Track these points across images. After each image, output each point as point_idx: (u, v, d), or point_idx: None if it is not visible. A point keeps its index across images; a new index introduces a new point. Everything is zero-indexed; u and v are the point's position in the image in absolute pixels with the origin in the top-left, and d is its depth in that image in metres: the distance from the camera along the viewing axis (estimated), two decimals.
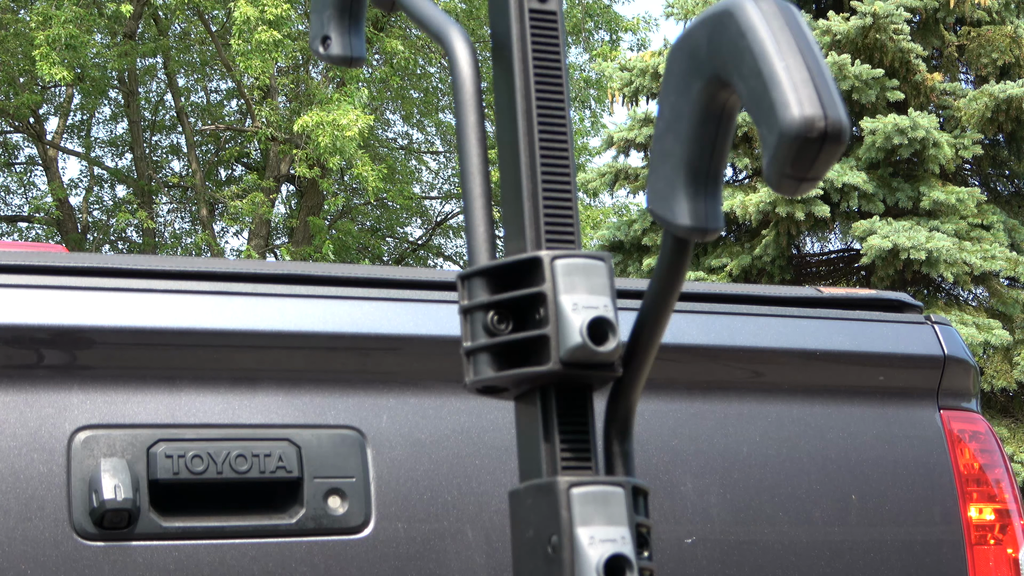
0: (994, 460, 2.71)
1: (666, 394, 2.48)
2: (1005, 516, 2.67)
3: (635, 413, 0.79)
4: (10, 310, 2.09)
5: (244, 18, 15.95)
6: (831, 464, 2.57)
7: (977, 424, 2.72)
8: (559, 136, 0.78)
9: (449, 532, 2.28)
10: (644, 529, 0.74)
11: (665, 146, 0.75)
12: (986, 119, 12.91)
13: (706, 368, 2.58)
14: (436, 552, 2.27)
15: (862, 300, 2.79)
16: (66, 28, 16.49)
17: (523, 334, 0.75)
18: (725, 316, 2.60)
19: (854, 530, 2.56)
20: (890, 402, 2.67)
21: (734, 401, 2.53)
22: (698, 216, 0.75)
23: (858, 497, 2.58)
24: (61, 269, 2.18)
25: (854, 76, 12.31)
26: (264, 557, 2.21)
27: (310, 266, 2.53)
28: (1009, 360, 12.87)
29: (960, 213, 12.71)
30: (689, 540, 2.41)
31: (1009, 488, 2.70)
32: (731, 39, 0.69)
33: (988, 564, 2.63)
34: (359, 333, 2.33)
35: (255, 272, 2.35)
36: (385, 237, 23.11)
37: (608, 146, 14.07)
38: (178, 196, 22.54)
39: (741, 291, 2.74)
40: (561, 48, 0.79)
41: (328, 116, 16.17)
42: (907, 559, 2.58)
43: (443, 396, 2.30)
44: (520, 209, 0.77)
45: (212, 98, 22.55)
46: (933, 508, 2.63)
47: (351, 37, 0.95)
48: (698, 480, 2.46)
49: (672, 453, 2.45)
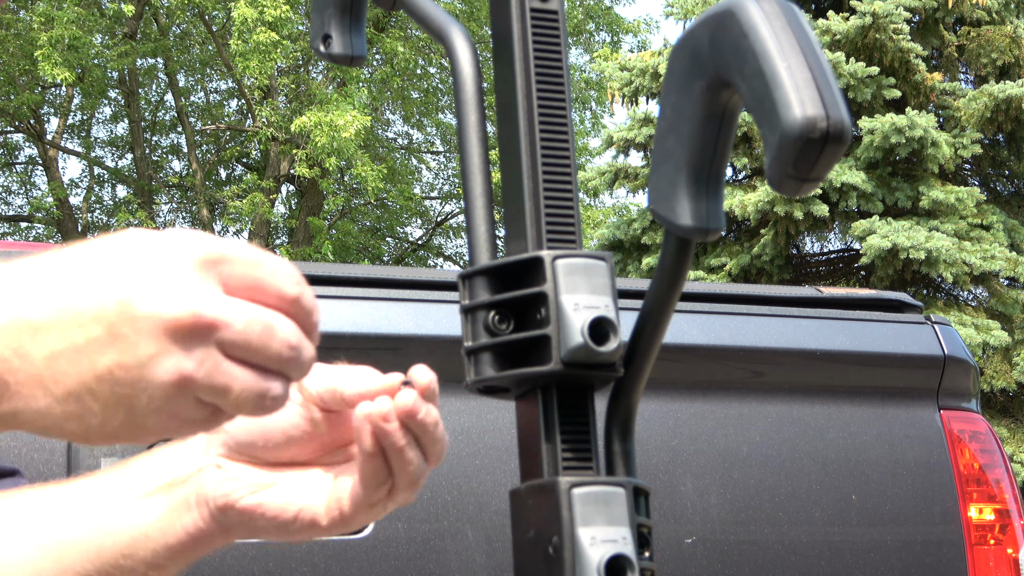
0: (994, 460, 2.71)
1: (666, 394, 2.48)
2: (1005, 516, 2.67)
3: (636, 413, 0.79)
4: None
5: (243, 19, 15.95)
6: (831, 464, 2.57)
7: (977, 424, 2.72)
8: (560, 136, 0.78)
9: (449, 532, 2.28)
10: (645, 529, 0.74)
11: (666, 146, 0.75)
12: (986, 119, 12.91)
13: (706, 368, 2.58)
14: (436, 552, 2.27)
15: (862, 300, 2.79)
16: (69, 29, 16.49)
17: (524, 334, 0.75)
18: (725, 316, 2.60)
19: (854, 530, 2.56)
20: (890, 402, 2.67)
21: (734, 401, 2.54)
22: (700, 216, 0.75)
23: (858, 497, 2.58)
24: None
25: (848, 74, 12.31)
26: (264, 557, 2.21)
27: (310, 266, 2.54)
28: (1008, 360, 12.87)
29: (960, 213, 12.71)
30: (689, 540, 2.41)
31: (1009, 488, 2.70)
32: (733, 39, 0.69)
33: (988, 564, 2.63)
34: (359, 333, 2.33)
35: None
36: (385, 237, 23.12)
37: (608, 146, 14.07)
38: (178, 196, 22.55)
39: (741, 291, 2.74)
40: (563, 48, 0.79)
41: (326, 116, 16.17)
42: (907, 559, 2.58)
43: (443, 396, 2.30)
44: (521, 209, 0.77)
45: (212, 98, 22.56)
46: (933, 508, 2.63)
47: (352, 36, 0.95)
48: (698, 480, 2.46)
49: (672, 453, 2.46)
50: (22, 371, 0.66)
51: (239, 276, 0.70)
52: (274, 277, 0.70)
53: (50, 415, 0.67)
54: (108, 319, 0.66)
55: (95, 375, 0.66)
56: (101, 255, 0.69)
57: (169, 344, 0.67)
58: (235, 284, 0.70)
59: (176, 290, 0.67)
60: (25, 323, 0.66)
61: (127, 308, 0.67)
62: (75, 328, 0.66)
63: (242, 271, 0.70)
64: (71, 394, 0.67)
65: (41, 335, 0.66)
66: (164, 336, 0.67)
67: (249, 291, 0.70)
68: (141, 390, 0.67)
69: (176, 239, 0.69)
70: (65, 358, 0.66)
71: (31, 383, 0.66)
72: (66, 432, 0.68)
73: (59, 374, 0.66)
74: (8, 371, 0.66)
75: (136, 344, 0.67)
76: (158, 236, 0.70)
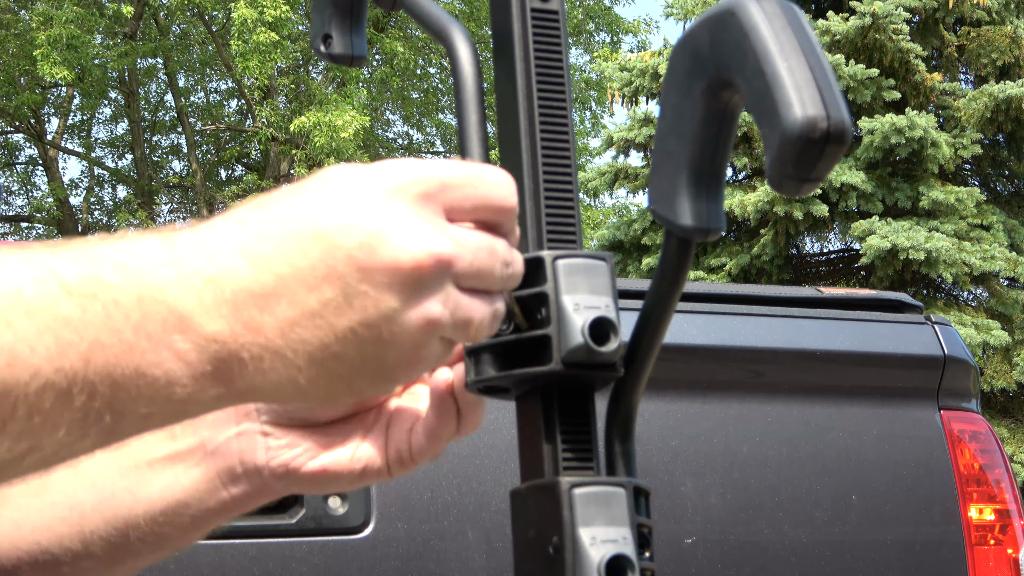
0: (994, 460, 2.71)
1: (666, 394, 2.48)
2: (1005, 516, 2.67)
3: (636, 413, 0.79)
4: None
5: (243, 19, 15.96)
6: (831, 464, 2.57)
7: (977, 424, 2.72)
8: (561, 136, 0.78)
9: (449, 532, 2.28)
10: (646, 529, 0.74)
11: (667, 146, 0.75)
12: (986, 119, 12.91)
13: (706, 368, 2.58)
14: (436, 552, 2.28)
15: (862, 300, 2.79)
16: (67, 28, 16.50)
17: (525, 334, 0.75)
18: (725, 316, 2.60)
19: (854, 530, 2.56)
20: (890, 402, 2.67)
21: (734, 401, 2.54)
22: (700, 216, 0.75)
23: (858, 497, 2.58)
24: None
25: (848, 76, 12.32)
26: (264, 557, 2.21)
27: None
28: (1008, 360, 12.87)
29: (959, 213, 12.71)
30: (689, 540, 2.41)
31: (1009, 488, 2.70)
32: (733, 39, 0.69)
33: (988, 564, 2.63)
34: None
35: None
36: None
37: (608, 146, 14.08)
38: (178, 196, 22.56)
39: (741, 291, 2.74)
40: (563, 48, 0.79)
41: (325, 117, 16.18)
42: (907, 559, 2.58)
43: None
44: (522, 209, 0.77)
45: (212, 98, 22.57)
46: (933, 508, 2.63)
47: (352, 36, 0.95)
48: (698, 480, 2.46)
49: (672, 453, 2.46)
50: (256, 345, 0.61)
51: (460, 199, 0.65)
52: (494, 191, 0.67)
53: (292, 385, 0.63)
54: (342, 278, 0.62)
55: (336, 337, 0.62)
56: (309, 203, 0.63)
57: (411, 292, 0.62)
58: (457, 208, 0.66)
59: (408, 234, 0.62)
60: (249, 294, 0.61)
61: (360, 263, 0.62)
62: (305, 292, 0.61)
63: (463, 194, 0.66)
64: (313, 361, 0.62)
65: (271, 304, 0.61)
66: (405, 286, 0.62)
67: (470, 213, 0.66)
68: (388, 345, 0.63)
69: (389, 173, 0.64)
70: (300, 325, 0.62)
71: (269, 356, 0.62)
72: (310, 398, 0.64)
73: (296, 343, 0.62)
74: (242, 347, 0.61)
75: (377, 300, 0.62)
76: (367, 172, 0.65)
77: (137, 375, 0.60)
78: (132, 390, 0.60)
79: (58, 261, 0.60)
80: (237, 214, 0.64)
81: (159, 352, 0.60)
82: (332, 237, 0.62)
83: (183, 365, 0.61)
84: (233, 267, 0.62)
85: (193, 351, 0.61)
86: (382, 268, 0.62)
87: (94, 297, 0.59)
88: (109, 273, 0.60)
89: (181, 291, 0.61)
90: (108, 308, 0.59)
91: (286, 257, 0.62)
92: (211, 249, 0.62)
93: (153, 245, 0.62)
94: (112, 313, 0.59)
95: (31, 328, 0.57)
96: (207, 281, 0.61)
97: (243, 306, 0.61)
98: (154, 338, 0.60)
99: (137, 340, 0.60)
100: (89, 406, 0.59)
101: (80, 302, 0.59)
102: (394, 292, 0.62)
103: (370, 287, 0.62)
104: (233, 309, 0.61)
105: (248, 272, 0.62)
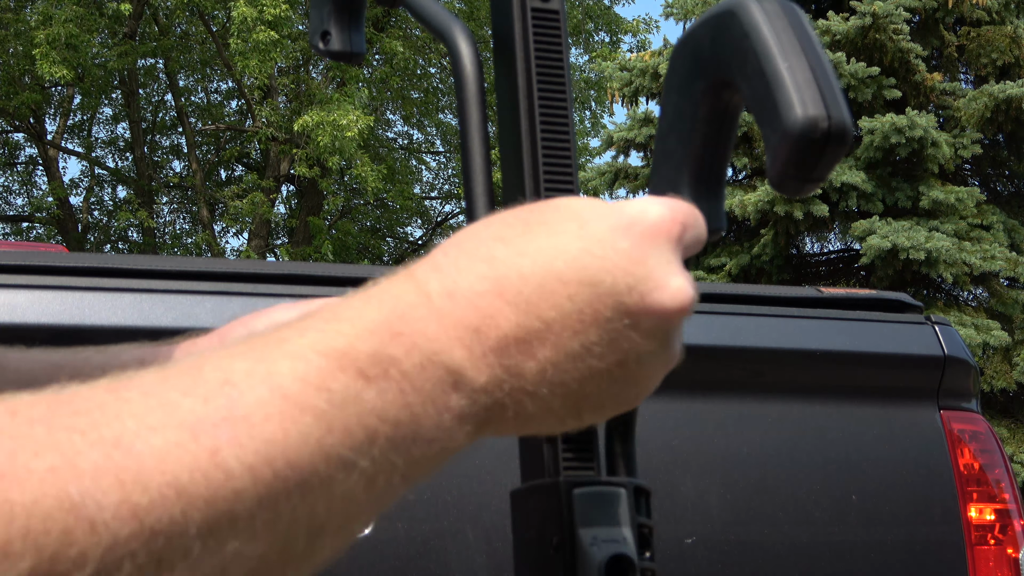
0: (994, 460, 2.71)
1: (666, 394, 2.47)
2: (1005, 516, 2.67)
3: (637, 413, 0.79)
4: (10, 310, 2.09)
5: (242, 18, 15.96)
6: (831, 464, 2.57)
7: (977, 424, 2.72)
8: (561, 136, 0.78)
9: (449, 532, 2.28)
10: (646, 530, 0.74)
11: (667, 146, 0.75)
12: (986, 119, 12.91)
13: (706, 368, 2.58)
14: (436, 552, 2.27)
15: (862, 300, 2.79)
16: (66, 27, 16.49)
17: None
18: (725, 316, 2.60)
19: (854, 530, 2.56)
20: (890, 402, 2.67)
21: (734, 401, 2.54)
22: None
23: (858, 497, 2.58)
24: (61, 269, 2.18)
25: (849, 75, 12.32)
26: None
27: (310, 266, 2.53)
28: (1008, 360, 12.87)
29: (960, 213, 12.71)
30: (689, 540, 2.41)
31: (1009, 488, 2.70)
32: (734, 39, 0.69)
33: (988, 564, 2.63)
34: None
35: (255, 272, 2.36)
36: (385, 237, 23.12)
37: (608, 146, 14.08)
38: (178, 196, 22.55)
39: (741, 291, 2.74)
40: (564, 48, 0.79)
41: (328, 116, 16.18)
42: (907, 559, 2.58)
43: None
44: None
45: (212, 98, 22.57)
46: (933, 508, 2.62)
47: (351, 33, 0.95)
48: (698, 480, 2.46)
49: (672, 453, 2.46)
50: (518, 390, 0.61)
51: (690, 241, 0.67)
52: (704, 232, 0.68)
53: (536, 422, 0.63)
54: (609, 323, 0.61)
55: (591, 377, 0.62)
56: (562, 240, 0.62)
57: (669, 336, 0.64)
58: (687, 250, 0.67)
59: (674, 280, 0.63)
60: (514, 340, 0.60)
61: (629, 309, 0.61)
62: (570, 336, 0.61)
63: (693, 236, 0.67)
64: (566, 400, 0.62)
65: (533, 348, 0.60)
66: (667, 331, 0.63)
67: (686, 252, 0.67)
68: (633, 383, 0.64)
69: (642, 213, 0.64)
70: (560, 368, 0.61)
71: (527, 399, 0.61)
72: (542, 431, 0.64)
73: (555, 385, 0.61)
74: (507, 395, 0.60)
75: (639, 344, 0.62)
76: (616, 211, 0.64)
77: (425, 443, 0.59)
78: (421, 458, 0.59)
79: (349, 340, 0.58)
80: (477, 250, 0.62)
81: (441, 416, 0.59)
82: (599, 281, 0.61)
83: (458, 422, 0.60)
84: (496, 313, 0.60)
85: (468, 407, 0.60)
86: (651, 314, 0.62)
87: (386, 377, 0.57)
88: (390, 344, 0.58)
89: (451, 346, 0.59)
90: (401, 386, 0.58)
91: (551, 300, 0.61)
92: (468, 294, 0.61)
93: (409, 299, 0.60)
94: (405, 389, 0.58)
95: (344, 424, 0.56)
96: (472, 332, 0.60)
97: (507, 353, 0.60)
98: (438, 403, 0.59)
99: (424, 409, 0.58)
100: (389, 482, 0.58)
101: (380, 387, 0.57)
102: (657, 337, 0.63)
103: (636, 332, 0.62)
104: (498, 357, 0.60)
105: (513, 317, 0.60)
